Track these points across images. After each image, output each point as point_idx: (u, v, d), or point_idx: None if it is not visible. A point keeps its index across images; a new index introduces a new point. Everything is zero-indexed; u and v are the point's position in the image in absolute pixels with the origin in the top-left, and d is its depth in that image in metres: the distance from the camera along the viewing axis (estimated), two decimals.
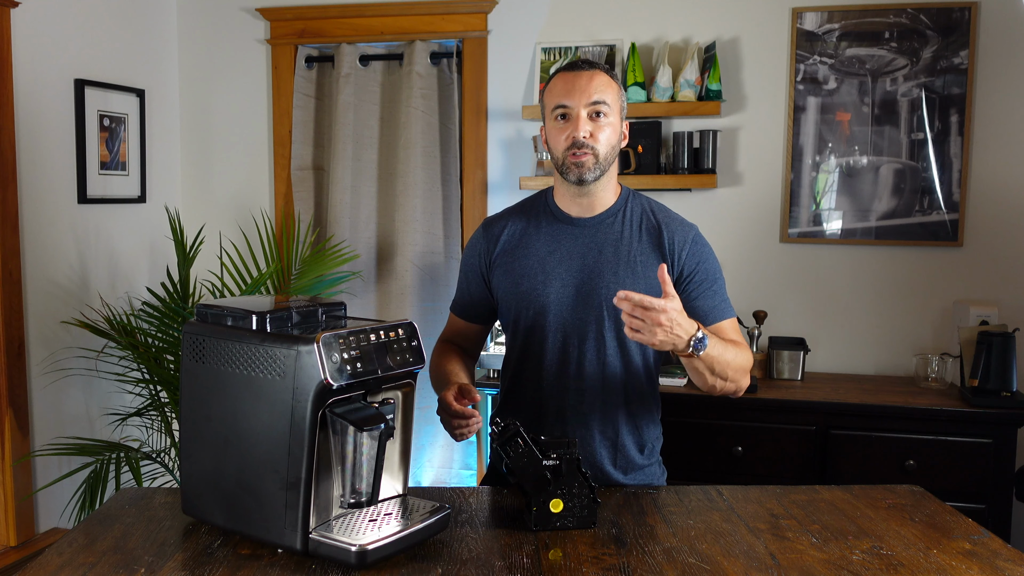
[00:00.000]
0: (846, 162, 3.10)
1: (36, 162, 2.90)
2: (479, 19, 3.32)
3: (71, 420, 3.04)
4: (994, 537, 1.45)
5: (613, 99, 1.72)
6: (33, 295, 2.88)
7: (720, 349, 1.63)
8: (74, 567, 1.30)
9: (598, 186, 1.75)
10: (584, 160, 1.69)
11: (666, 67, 3.07)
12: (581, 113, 1.69)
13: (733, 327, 1.77)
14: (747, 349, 1.74)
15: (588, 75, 1.71)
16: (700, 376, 1.65)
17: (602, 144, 1.70)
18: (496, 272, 1.83)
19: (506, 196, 3.35)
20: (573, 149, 1.69)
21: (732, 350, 1.67)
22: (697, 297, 1.75)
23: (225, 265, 3.09)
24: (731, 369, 1.66)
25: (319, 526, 1.33)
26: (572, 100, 1.70)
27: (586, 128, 1.69)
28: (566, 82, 1.71)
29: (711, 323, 1.74)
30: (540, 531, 1.46)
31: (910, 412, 2.65)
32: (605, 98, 1.70)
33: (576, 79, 1.70)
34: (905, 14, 3.03)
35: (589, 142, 1.69)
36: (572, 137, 1.69)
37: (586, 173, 1.70)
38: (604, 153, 1.71)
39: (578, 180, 1.72)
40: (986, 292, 3.06)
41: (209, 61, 3.57)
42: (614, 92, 1.73)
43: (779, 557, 1.36)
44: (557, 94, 1.72)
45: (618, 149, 1.76)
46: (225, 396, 1.36)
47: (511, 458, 1.47)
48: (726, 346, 1.66)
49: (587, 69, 1.72)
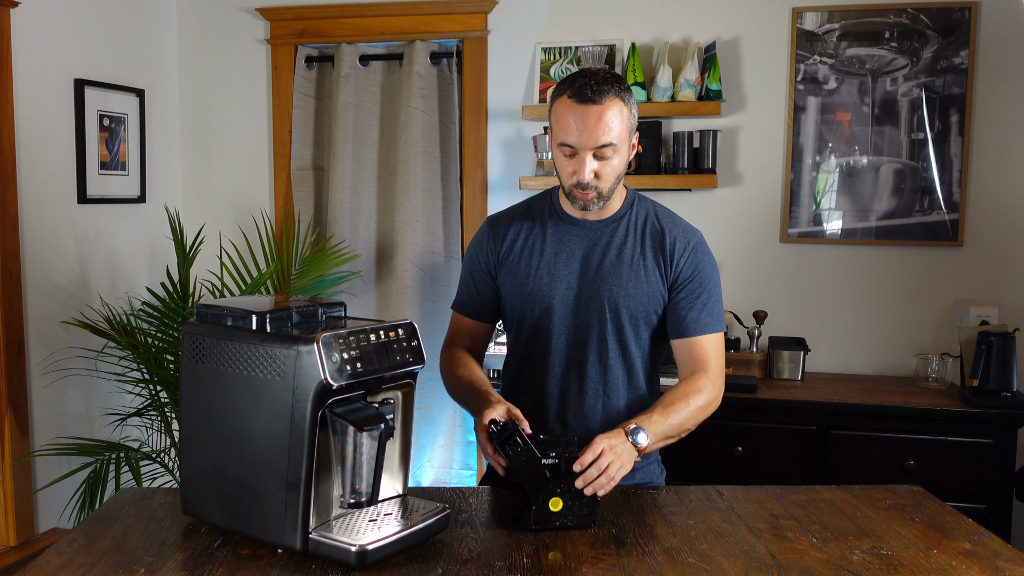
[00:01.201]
0: (846, 162, 3.10)
1: (36, 162, 2.90)
2: (479, 19, 3.32)
3: (71, 420, 3.04)
4: (994, 537, 1.45)
5: (622, 131, 1.65)
6: (33, 295, 2.88)
7: (666, 422, 1.62)
8: (74, 567, 1.30)
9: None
10: (588, 197, 1.69)
11: (666, 67, 3.07)
12: (587, 157, 1.64)
13: (714, 344, 1.75)
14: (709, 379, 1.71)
15: (597, 112, 1.61)
16: (664, 446, 1.68)
17: (606, 179, 1.68)
18: (502, 271, 1.83)
19: (506, 196, 3.35)
20: (579, 187, 1.68)
21: (682, 405, 1.65)
22: (684, 306, 1.74)
23: (225, 265, 3.09)
24: (689, 422, 1.67)
25: (319, 526, 1.33)
26: (579, 141, 1.63)
27: (591, 170, 1.66)
28: (575, 118, 1.62)
29: (691, 335, 1.73)
30: (540, 531, 1.46)
31: (910, 412, 2.65)
32: (612, 138, 1.63)
33: (584, 117, 1.61)
34: (905, 14, 3.03)
35: (594, 183, 1.67)
36: (577, 178, 1.67)
37: (590, 205, 1.71)
38: (610, 187, 1.69)
39: (582, 208, 1.73)
40: (986, 292, 3.06)
41: (209, 61, 3.57)
42: (624, 120, 1.65)
43: (779, 557, 1.36)
44: (563, 130, 1.65)
45: (626, 166, 1.72)
46: (225, 396, 1.36)
47: (510, 458, 1.47)
48: (674, 408, 1.64)
49: (598, 103, 1.61)
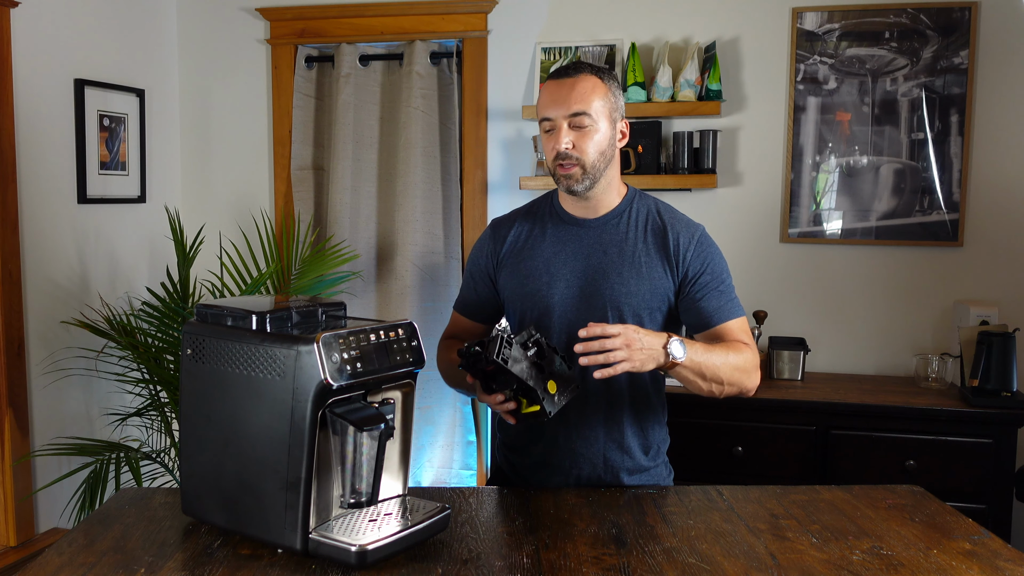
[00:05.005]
0: (846, 162, 3.10)
1: (36, 162, 2.90)
2: (479, 19, 3.32)
3: (71, 420, 3.04)
4: (994, 537, 1.45)
5: (598, 104, 1.68)
6: (33, 295, 2.88)
7: (706, 354, 1.61)
8: (74, 567, 1.30)
9: (596, 191, 1.74)
10: (571, 172, 1.69)
11: (666, 67, 3.07)
12: (562, 125, 1.68)
13: (741, 327, 1.75)
14: (750, 348, 1.72)
15: (570, 83, 1.68)
16: (694, 384, 1.64)
17: (588, 153, 1.68)
18: (503, 273, 1.83)
19: (506, 196, 3.35)
20: (559, 161, 1.69)
21: (722, 352, 1.65)
22: (702, 298, 1.73)
23: (225, 265, 3.09)
24: (725, 371, 1.65)
25: (319, 526, 1.33)
26: (553, 112, 1.68)
27: (567, 140, 1.67)
28: (550, 93, 1.70)
29: (716, 323, 1.73)
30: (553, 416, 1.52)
31: (910, 412, 2.65)
32: (586, 107, 1.67)
33: (558, 89, 1.69)
34: (905, 14, 3.03)
35: (573, 153, 1.68)
36: (555, 149, 1.69)
37: (574, 184, 1.70)
38: (592, 161, 1.69)
39: (568, 190, 1.72)
40: (986, 292, 3.06)
41: (209, 61, 3.57)
42: (600, 95, 1.69)
43: (779, 557, 1.36)
44: (542, 105, 1.72)
45: (613, 152, 1.74)
46: (225, 396, 1.36)
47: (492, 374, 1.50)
48: (714, 349, 1.64)
49: (571, 75, 1.69)
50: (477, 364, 1.50)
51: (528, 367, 1.50)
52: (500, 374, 1.50)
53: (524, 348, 1.51)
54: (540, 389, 1.50)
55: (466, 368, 1.53)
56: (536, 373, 1.51)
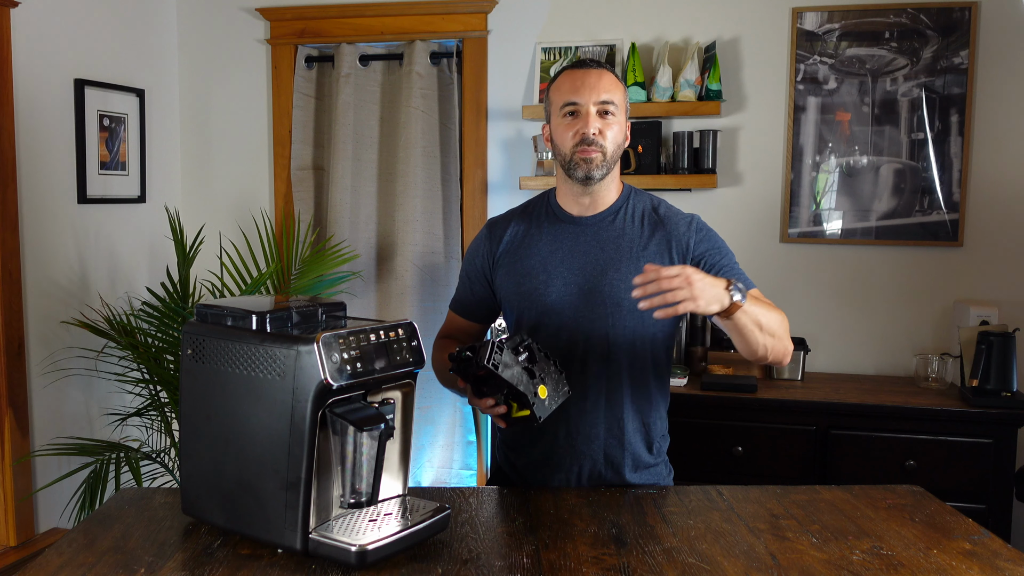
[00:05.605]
0: (846, 162, 3.10)
1: (36, 162, 2.90)
2: (479, 19, 3.32)
3: (71, 420, 3.04)
4: (994, 537, 1.45)
5: (620, 99, 1.74)
6: (33, 295, 2.88)
7: (758, 306, 1.59)
8: (74, 567, 1.30)
9: (602, 184, 1.76)
10: (593, 156, 1.70)
11: (666, 67, 3.07)
12: (591, 110, 1.71)
13: (758, 294, 1.75)
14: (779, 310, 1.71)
15: (597, 73, 1.72)
16: (751, 335, 1.59)
17: (610, 142, 1.72)
18: (499, 273, 1.83)
19: (506, 196, 3.35)
20: (582, 146, 1.70)
21: (768, 307, 1.64)
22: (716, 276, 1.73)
23: (225, 265, 3.09)
24: (776, 324, 1.63)
25: (319, 526, 1.33)
26: (582, 97, 1.71)
27: (596, 125, 1.70)
28: (575, 79, 1.72)
29: None
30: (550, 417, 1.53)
31: (910, 412, 2.65)
32: (614, 98, 1.72)
33: (586, 76, 1.72)
34: (905, 14, 3.03)
35: (598, 139, 1.70)
36: (581, 133, 1.70)
37: (594, 170, 1.71)
38: (612, 151, 1.73)
39: (585, 177, 1.72)
40: (986, 292, 3.06)
41: (209, 61, 3.57)
42: (621, 92, 1.75)
43: (779, 557, 1.36)
44: (566, 91, 1.73)
45: (623, 149, 1.78)
46: (225, 396, 1.36)
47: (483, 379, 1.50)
48: (762, 302, 1.64)
49: (595, 67, 1.74)
50: (468, 369, 1.51)
51: (519, 372, 1.50)
52: (491, 379, 1.50)
53: (515, 353, 1.51)
54: (530, 394, 1.50)
55: (457, 372, 1.54)
56: (527, 378, 1.51)
